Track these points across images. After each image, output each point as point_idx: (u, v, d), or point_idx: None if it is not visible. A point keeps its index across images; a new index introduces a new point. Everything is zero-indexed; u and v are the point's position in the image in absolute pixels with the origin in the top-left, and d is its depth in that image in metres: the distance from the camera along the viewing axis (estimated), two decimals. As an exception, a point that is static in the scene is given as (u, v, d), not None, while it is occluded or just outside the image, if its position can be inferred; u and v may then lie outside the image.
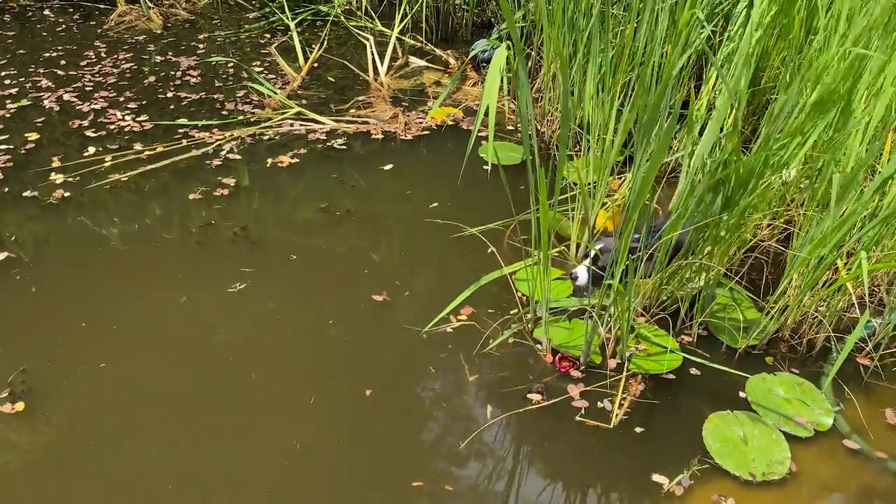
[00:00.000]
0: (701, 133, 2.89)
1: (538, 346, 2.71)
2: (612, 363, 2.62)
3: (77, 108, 4.37)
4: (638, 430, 2.40)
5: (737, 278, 2.90)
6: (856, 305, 2.71)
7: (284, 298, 2.94)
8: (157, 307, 2.86)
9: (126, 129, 4.14)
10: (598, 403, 2.49)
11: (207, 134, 4.10)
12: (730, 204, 2.46)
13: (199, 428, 2.38)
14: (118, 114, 4.30)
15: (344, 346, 2.71)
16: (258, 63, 5.10)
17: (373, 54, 5.00)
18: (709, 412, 2.45)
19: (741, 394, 2.53)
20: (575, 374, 2.59)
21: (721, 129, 2.66)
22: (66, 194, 3.53)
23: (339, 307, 2.90)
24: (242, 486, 2.20)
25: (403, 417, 2.46)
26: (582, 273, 2.80)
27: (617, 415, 2.43)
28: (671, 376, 2.58)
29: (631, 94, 3.55)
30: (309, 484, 2.22)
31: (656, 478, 2.25)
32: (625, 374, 2.56)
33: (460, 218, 3.31)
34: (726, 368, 2.52)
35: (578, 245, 3.17)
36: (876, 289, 2.87)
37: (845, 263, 2.71)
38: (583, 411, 2.45)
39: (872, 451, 2.35)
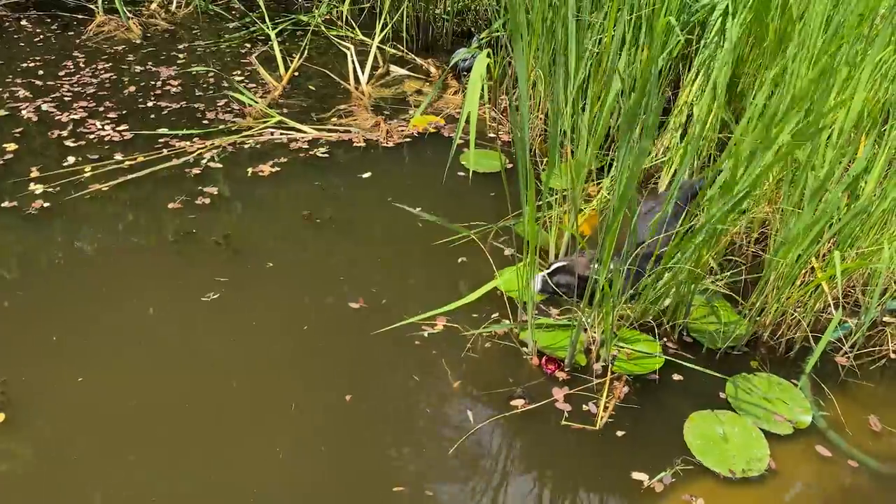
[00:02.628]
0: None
1: (524, 349, 2.73)
2: (597, 366, 2.65)
3: (56, 118, 4.34)
4: (621, 430, 2.43)
5: (716, 280, 2.95)
6: (832, 306, 2.76)
7: (265, 306, 2.93)
8: (137, 318, 2.85)
9: (106, 139, 4.11)
10: (583, 406, 2.51)
11: (188, 143, 4.09)
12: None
13: (180, 438, 2.37)
14: (98, 124, 4.28)
15: (324, 353, 2.72)
16: (239, 72, 5.10)
17: (354, 63, 5.02)
18: (690, 412, 2.49)
19: (721, 394, 2.57)
20: (560, 375, 2.61)
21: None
22: (46, 205, 3.50)
23: (326, 314, 2.90)
24: (226, 495, 2.20)
25: (384, 423, 2.47)
26: (537, 281, 2.74)
27: (602, 417, 2.46)
28: (654, 377, 2.61)
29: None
30: (291, 491, 2.22)
31: (637, 475, 2.28)
32: (609, 376, 2.59)
33: (442, 224, 3.33)
34: (707, 370, 2.56)
35: (557, 254, 3.19)
36: (851, 290, 2.93)
37: (821, 266, 2.77)
38: (566, 414, 2.47)
39: (850, 449, 2.40)
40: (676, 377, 2.63)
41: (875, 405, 2.58)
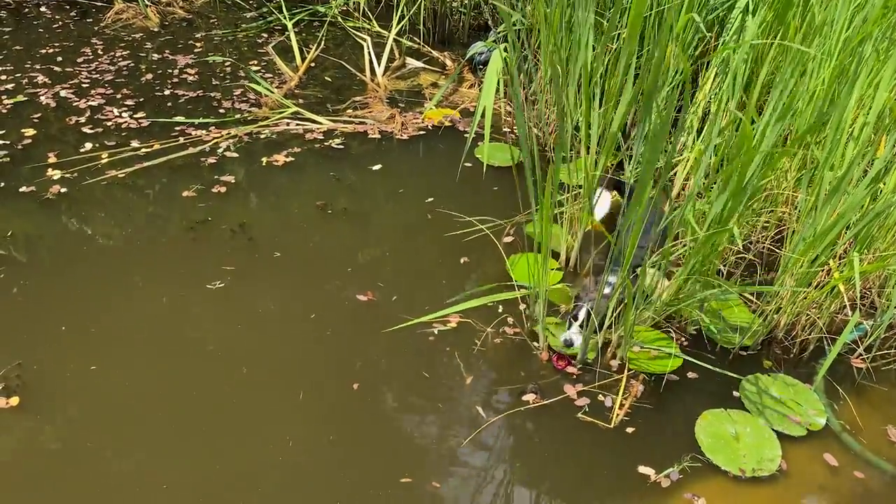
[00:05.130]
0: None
1: (535, 343, 2.72)
2: (613, 363, 2.64)
3: (74, 104, 4.37)
4: (631, 426, 2.42)
5: (734, 278, 2.93)
6: (848, 307, 2.73)
7: (278, 296, 2.94)
8: (150, 305, 2.86)
9: (123, 126, 4.14)
10: (598, 398, 2.51)
11: (204, 132, 4.11)
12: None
13: (189, 426, 2.38)
14: (115, 111, 4.30)
15: (331, 343, 2.72)
16: (255, 62, 5.11)
17: (370, 55, 5.01)
18: (703, 410, 2.47)
19: (735, 393, 2.56)
20: (571, 370, 2.61)
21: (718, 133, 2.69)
22: (63, 190, 3.53)
23: (334, 305, 2.91)
24: (234, 482, 2.21)
25: (392, 414, 2.47)
26: (576, 338, 2.61)
27: (618, 414, 2.45)
28: (668, 376, 2.59)
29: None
30: (298, 479, 2.23)
31: (643, 469, 2.28)
32: (626, 374, 2.58)
33: (455, 217, 3.33)
34: (721, 370, 2.55)
35: (568, 259, 3.17)
36: (867, 291, 2.91)
37: (838, 266, 2.74)
38: (582, 409, 2.47)
39: (864, 452, 2.38)
40: (690, 375, 2.62)
41: (890, 409, 2.56)
